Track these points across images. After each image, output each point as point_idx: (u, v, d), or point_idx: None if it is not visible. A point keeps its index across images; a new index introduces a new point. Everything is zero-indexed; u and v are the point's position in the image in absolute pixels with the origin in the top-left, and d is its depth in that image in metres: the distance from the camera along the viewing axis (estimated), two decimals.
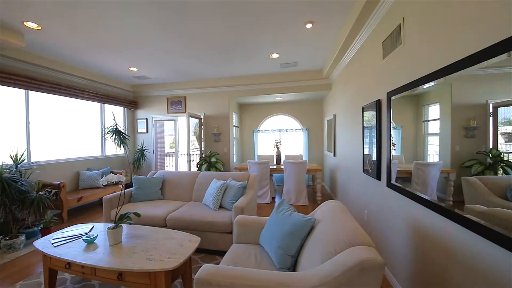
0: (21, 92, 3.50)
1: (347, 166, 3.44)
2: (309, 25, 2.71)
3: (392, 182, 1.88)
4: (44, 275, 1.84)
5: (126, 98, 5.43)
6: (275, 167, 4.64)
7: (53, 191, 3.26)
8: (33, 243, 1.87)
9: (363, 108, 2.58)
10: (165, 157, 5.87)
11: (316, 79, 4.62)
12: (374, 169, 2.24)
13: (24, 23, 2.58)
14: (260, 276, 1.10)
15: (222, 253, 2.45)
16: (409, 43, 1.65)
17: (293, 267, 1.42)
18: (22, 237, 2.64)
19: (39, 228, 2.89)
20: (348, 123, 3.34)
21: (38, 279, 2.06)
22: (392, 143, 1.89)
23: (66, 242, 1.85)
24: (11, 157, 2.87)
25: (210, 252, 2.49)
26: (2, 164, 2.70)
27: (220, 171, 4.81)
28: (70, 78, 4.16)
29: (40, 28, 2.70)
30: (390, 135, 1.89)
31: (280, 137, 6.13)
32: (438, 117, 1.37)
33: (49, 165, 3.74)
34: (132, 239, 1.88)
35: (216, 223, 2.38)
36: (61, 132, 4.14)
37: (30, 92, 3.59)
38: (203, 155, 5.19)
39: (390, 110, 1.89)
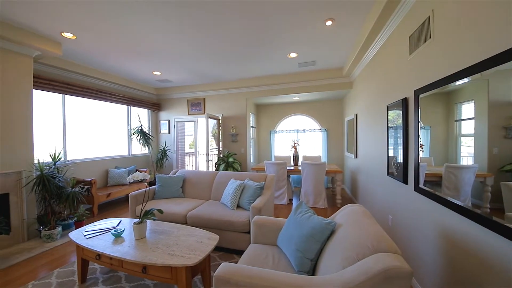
0: (58, 96, 3.85)
1: (369, 168, 3.29)
2: (328, 23, 2.65)
3: (420, 186, 1.76)
4: (78, 264, 2.00)
5: (150, 101, 5.73)
6: (292, 168, 4.58)
7: (86, 187, 3.54)
8: (68, 234, 2.05)
9: (387, 107, 2.45)
10: (186, 157, 6.08)
11: (336, 78, 4.48)
12: (400, 172, 2.12)
13: (62, 33, 2.84)
14: (279, 278, 1.09)
15: (239, 252, 2.48)
16: (439, 37, 1.54)
17: (312, 271, 1.39)
18: (59, 229, 2.90)
19: (73, 220, 3.16)
20: (371, 123, 3.20)
21: (72, 267, 2.24)
22: (420, 144, 1.77)
23: (97, 235, 2.00)
24: (50, 156, 3.17)
25: (228, 250, 2.53)
26: (43, 162, 2.99)
27: (237, 171, 4.87)
28: (100, 83, 4.49)
29: (75, 37, 2.95)
30: (419, 135, 1.78)
31: (298, 137, 6.03)
32: (473, 116, 1.25)
33: (82, 163, 4.07)
34: (155, 234, 1.98)
35: (234, 222, 2.41)
36: (92, 132, 4.48)
37: (66, 96, 3.93)
38: (221, 155, 5.29)
39: (418, 109, 1.77)
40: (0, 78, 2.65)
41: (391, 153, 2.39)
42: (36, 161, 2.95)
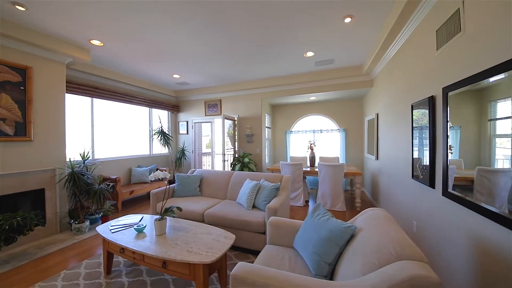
0: (87, 99, 4.13)
1: (392, 170, 3.13)
2: (347, 20, 2.57)
3: (449, 190, 1.64)
4: (103, 256, 2.13)
5: (170, 103, 5.96)
6: (308, 169, 4.50)
7: (111, 184, 3.76)
8: (96, 228, 2.19)
9: (412, 106, 2.32)
10: (202, 157, 6.23)
11: (355, 76, 4.33)
12: (426, 175, 1.99)
13: (90, 41, 3.05)
14: (296, 281, 1.08)
15: (255, 253, 2.48)
16: (471, 30, 1.43)
17: (330, 276, 1.36)
18: (87, 222, 3.11)
19: (100, 215, 3.37)
20: (394, 123, 3.05)
21: (98, 259, 2.39)
22: (449, 146, 1.65)
23: (121, 230, 2.11)
24: (80, 155, 3.41)
25: (244, 250, 2.54)
26: (74, 160, 3.23)
27: (253, 171, 4.89)
28: (125, 86, 4.75)
29: (102, 44, 3.16)
30: (447, 136, 1.66)
31: (314, 138, 5.91)
32: (510, 114, 1.15)
33: (107, 162, 4.33)
34: (175, 231, 2.05)
35: (250, 222, 2.42)
36: (117, 133, 4.75)
37: (94, 99, 4.21)
38: (236, 155, 5.35)
39: (447, 107, 1.66)
40: (38, 84, 2.91)
41: (416, 155, 2.26)
42: (67, 160, 3.20)
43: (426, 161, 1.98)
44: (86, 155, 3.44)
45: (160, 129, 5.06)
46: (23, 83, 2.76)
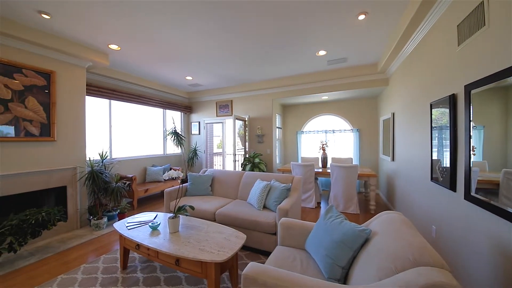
0: (105, 101, 4.32)
1: (409, 172, 3.01)
2: (361, 16, 2.50)
3: (472, 194, 1.55)
4: (120, 252, 2.21)
5: (183, 104, 6.11)
6: (320, 170, 4.42)
7: (127, 182, 3.90)
8: (113, 224, 2.28)
9: (431, 105, 2.21)
10: (214, 157, 6.32)
11: (370, 74, 4.21)
12: (446, 177, 1.90)
13: (109, 45, 3.18)
14: (308, 283, 1.06)
15: (265, 253, 2.48)
16: (496, 24, 1.34)
17: (344, 280, 1.33)
18: (105, 219, 3.25)
19: (117, 212, 3.51)
20: (411, 123, 2.93)
21: (115, 255, 2.49)
22: (472, 147, 1.56)
23: (137, 227, 2.19)
24: (99, 154, 3.57)
25: (254, 250, 2.55)
26: (93, 160, 3.39)
27: (263, 171, 4.88)
28: (140, 89, 4.92)
29: (119, 48, 3.29)
30: (470, 136, 1.57)
31: (326, 138, 5.80)
32: None
33: (124, 161, 4.50)
34: (187, 229, 2.09)
35: (260, 223, 2.42)
36: (132, 133, 4.92)
37: (112, 101, 4.39)
38: (247, 156, 5.37)
39: (469, 106, 1.57)
40: (60, 87, 3.09)
41: (435, 156, 2.16)
42: (87, 159, 3.36)
43: (447, 162, 1.89)
44: (104, 155, 3.60)
45: (174, 129, 5.20)
46: (47, 86, 2.93)
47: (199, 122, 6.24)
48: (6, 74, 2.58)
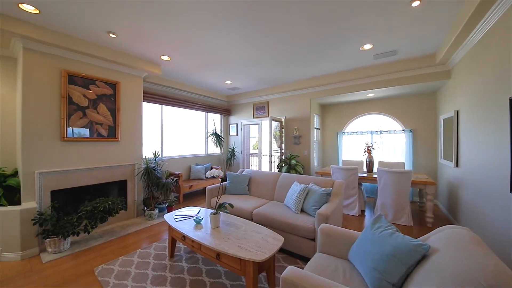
0: (157, 106, 4.86)
1: (479, 181, 2.54)
2: (415, 3, 2.23)
3: None
4: (168, 241, 2.45)
5: (222, 107, 6.44)
6: (365, 175, 4.06)
7: (175, 179, 4.30)
8: (163, 216, 2.53)
9: (510, 100, 1.83)
10: (250, 157, 6.45)
11: (426, 67, 3.69)
12: None
13: (161, 57, 3.58)
14: None
15: (303, 258, 2.41)
16: None
17: None
18: (156, 210, 3.64)
19: (166, 205, 3.90)
20: (482, 122, 2.46)
21: (164, 243, 2.76)
22: None
23: (183, 220, 2.39)
24: (152, 153, 4.04)
25: (291, 254, 2.50)
26: (148, 158, 3.85)
27: (300, 174, 4.75)
28: (186, 94, 5.38)
29: (170, 59, 3.66)
30: None
31: (372, 140, 5.30)
32: None
33: (172, 159, 4.98)
34: (227, 226, 2.18)
35: (298, 227, 2.37)
36: (179, 134, 5.41)
37: (163, 106, 4.91)
38: (283, 157, 5.31)
39: None
40: (123, 95, 3.60)
41: None
42: (143, 157, 3.83)
43: None
44: (157, 154, 4.04)
45: (214, 131, 5.54)
46: (113, 95, 3.46)
47: (236, 124, 6.47)
48: (85, 86, 3.14)
